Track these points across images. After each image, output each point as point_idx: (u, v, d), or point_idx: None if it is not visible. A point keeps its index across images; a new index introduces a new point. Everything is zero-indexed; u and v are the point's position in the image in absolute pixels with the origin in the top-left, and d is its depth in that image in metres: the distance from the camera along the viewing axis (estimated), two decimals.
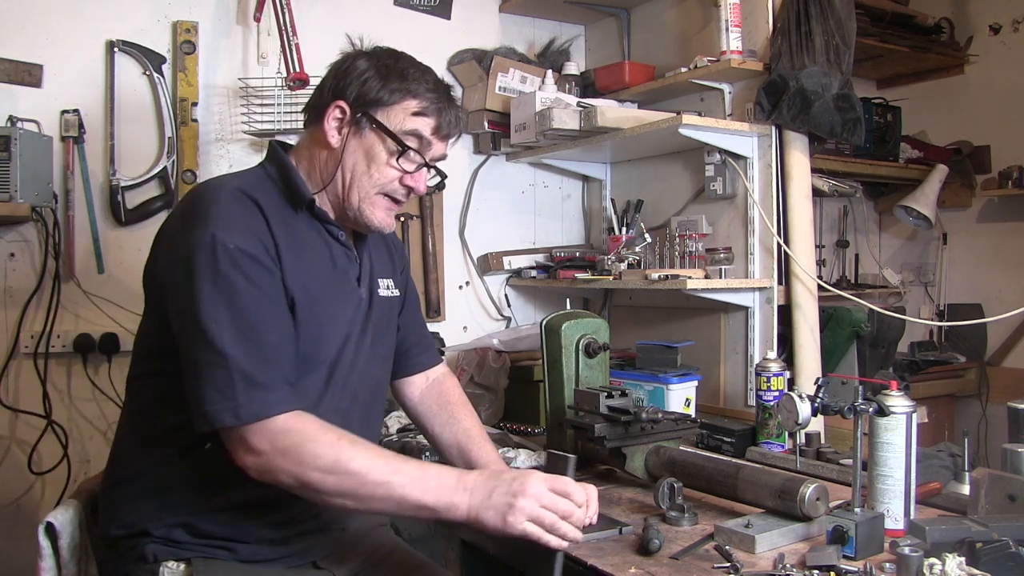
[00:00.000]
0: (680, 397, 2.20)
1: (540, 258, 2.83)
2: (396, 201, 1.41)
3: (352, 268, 1.42)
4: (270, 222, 1.28)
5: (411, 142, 1.36)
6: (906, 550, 1.19)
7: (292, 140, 1.50)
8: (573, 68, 2.76)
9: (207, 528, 1.28)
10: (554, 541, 1.17)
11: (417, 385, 1.65)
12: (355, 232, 1.46)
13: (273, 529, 1.32)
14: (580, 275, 2.52)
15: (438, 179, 1.48)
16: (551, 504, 1.17)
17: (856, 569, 1.23)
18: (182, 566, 1.27)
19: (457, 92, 2.78)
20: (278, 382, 1.21)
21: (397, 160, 1.36)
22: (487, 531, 1.18)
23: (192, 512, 1.28)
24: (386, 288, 1.51)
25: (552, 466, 1.26)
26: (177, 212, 1.34)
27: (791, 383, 2.05)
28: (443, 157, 1.43)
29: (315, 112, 1.37)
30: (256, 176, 1.37)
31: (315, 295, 1.32)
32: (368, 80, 1.34)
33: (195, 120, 2.31)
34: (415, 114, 1.35)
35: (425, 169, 1.40)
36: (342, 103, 1.34)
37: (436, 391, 1.65)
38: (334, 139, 1.35)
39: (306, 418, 1.21)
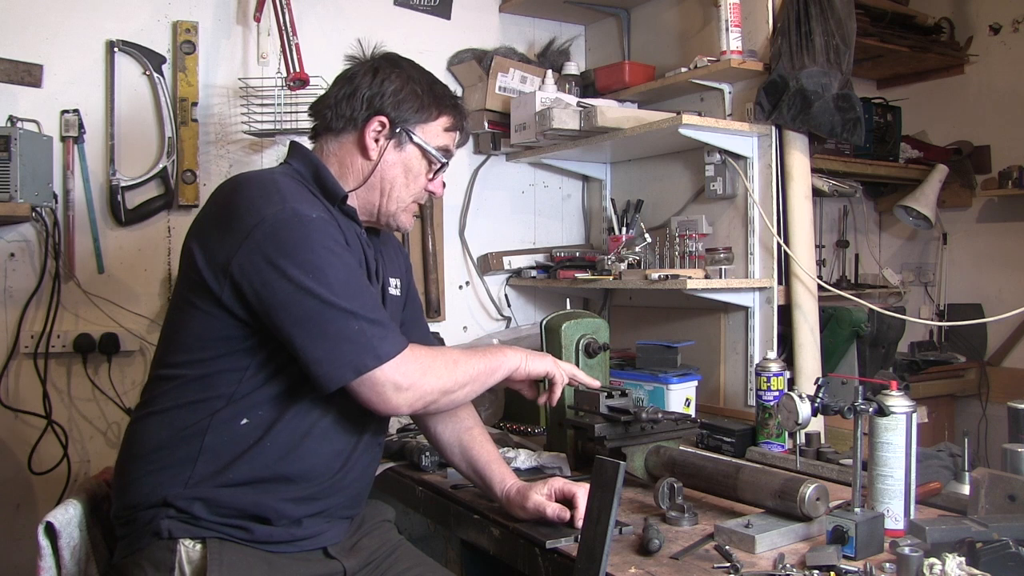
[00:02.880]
0: (680, 397, 2.20)
1: (540, 258, 2.84)
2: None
3: (371, 264, 1.48)
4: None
5: (443, 156, 1.48)
6: (906, 550, 1.19)
7: (301, 140, 1.53)
8: (573, 68, 2.76)
9: (227, 501, 1.28)
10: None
11: None
12: (366, 230, 1.52)
13: (292, 504, 1.32)
14: (580, 275, 2.52)
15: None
16: (569, 369, 1.57)
17: (856, 569, 1.23)
18: (198, 545, 1.27)
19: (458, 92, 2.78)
20: (390, 322, 1.33)
21: (433, 174, 1.50)
22: (533, 376, 1.51)
23: (214, 485, 1.28)
24: (394, 287, 1.57)
25: (600, 473, 1.21)
26: (224, 201, 1.32)
27: (791, 383, 2.05)
28: None
29: (348, 122, 1.44)
30: (287, 172, 1.42)
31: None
32: (406, 99, 1.43)
33: (195, 120, 2.31)
34: (446, 130, 1.49)
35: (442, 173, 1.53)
36: (383, 118, 1.42)
37: None
38: (373, 151, 1.43)
39: (413, 344, 1.33)
